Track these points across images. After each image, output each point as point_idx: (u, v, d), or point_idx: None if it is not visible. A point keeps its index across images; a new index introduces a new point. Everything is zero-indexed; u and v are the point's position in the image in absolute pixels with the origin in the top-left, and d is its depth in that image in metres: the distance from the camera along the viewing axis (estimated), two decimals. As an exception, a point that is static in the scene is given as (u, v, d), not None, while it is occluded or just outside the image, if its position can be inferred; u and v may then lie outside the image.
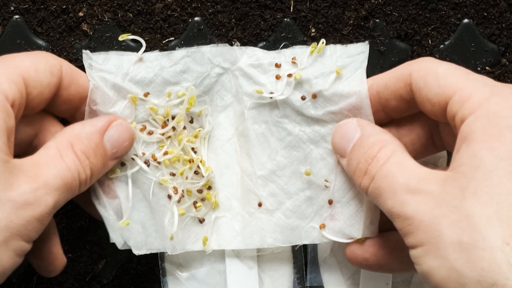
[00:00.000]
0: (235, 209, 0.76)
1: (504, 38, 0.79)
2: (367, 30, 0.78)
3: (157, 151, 0.75)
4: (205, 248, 0.75)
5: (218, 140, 0.76)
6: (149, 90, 0.74)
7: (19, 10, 0.78)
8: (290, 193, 0.75)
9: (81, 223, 0.79)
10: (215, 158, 0.76)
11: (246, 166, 0.75)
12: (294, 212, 0.75)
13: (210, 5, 0.78)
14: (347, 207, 0.74)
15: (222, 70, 0.76)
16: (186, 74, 0.75)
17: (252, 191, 0.75)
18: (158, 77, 0.74)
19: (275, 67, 0.75)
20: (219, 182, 0.76)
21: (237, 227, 0.76)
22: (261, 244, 0.75)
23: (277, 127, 0.75)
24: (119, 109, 0.74)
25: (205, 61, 0.75)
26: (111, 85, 0.74)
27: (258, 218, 0.75)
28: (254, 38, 0.78)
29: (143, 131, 0.74)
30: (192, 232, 0.75)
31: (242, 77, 0.75)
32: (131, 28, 0.78)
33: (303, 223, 0.75)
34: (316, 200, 0.75)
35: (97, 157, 0.69)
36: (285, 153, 0.75)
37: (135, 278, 0.79)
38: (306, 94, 0.74)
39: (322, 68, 0.74)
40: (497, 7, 0.79)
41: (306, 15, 0.78)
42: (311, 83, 0.74)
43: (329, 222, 0.74)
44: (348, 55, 0.74)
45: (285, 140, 0.75)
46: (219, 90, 0.76)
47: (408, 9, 0.78)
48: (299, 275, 0.78)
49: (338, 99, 0.73)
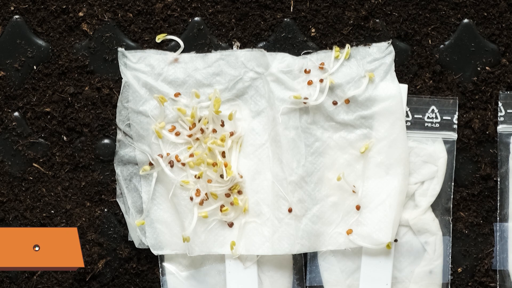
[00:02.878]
0: (265, 214, 0.76)
1: (504, 38, 0.79)
2: (367, 30, 0.78)
3: (184, 153, 0.75)
4: (233, 252, 0.75)
5: (251, 146, 0.76)
6: (181, 91, 0.75)
7: (19, 10, 0.78)
8: (316, 199, 0.76)
9: (81, 223, 0.79)
10: (247, 163, 0.76)
11: (278, 172, 0.75)
12: (320, 218, 0.76)
13: (210, 5, 0.78)
14: (375, 212, 0.75)
15: (256, 74, 0.76)
16: (219, 76, 0.76)
17: (282, 196, 0.75)
18: (191, 78, 0.75)
19: (304, 73, 0.75)
20: (250, 188, 0.76)
21: (266, 233, 0.76)
22: (290, 250, 0.75)
23: (305, 133, 0.75)
24: (149, 107, 0.75)
25: (239, 64, 0.76)
26: (143, 84, 0.75)
27: (287, 224, 0.75)
28: (254, 38, 0.78)
29: (172, 132, 0.75)
30: (220, 236, 0.76)
31: (273, 82, 0.75)
32: (131, 28, 0.78)
33: (328, 229, 0.76)
34: (342, 206, 0.76)
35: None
36: (313, 159, 0.75)
37: (135, 278, 0.79)
38: (338, 99, 0.75)
39: (351, 72, 0.75)
40: (497, 7, 0.78)
41: (306, 15, 0.78)
42: (343, 88, 0.75)
43: (356, 228, 0.75)
44: (373, 57, 0.75)
45: (313, 146, 0.75)
46: (253, 95, 0.76)
47: (408, 9, 0.78)
48: (299, 275, 0.78)
49: (371, 104, 0.74)
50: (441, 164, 0.77)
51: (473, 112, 0.78)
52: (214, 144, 0.75)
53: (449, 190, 0.78)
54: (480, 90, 0.78)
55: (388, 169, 0.76)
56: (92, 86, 0.79)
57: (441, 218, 0.77)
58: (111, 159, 0.78)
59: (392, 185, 0.75)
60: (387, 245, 0.75)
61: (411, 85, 0.78)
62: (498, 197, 0.78)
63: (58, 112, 0.79)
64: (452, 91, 0.78)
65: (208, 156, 0.75)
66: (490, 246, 0.78)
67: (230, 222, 0.76)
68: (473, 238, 0.79)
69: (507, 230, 0.78)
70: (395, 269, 0.77)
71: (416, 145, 0.77)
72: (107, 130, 0.79)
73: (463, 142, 0.78)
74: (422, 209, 0.77)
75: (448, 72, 0.78)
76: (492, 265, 0.78)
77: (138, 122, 0.76)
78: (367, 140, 0.76)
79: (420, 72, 0.78)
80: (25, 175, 0.79)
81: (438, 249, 0.77)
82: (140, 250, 0.78)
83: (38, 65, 0.79)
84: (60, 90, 0.79)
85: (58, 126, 0.79)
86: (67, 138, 0.79)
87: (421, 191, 0.77)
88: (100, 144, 0.79)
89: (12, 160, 0.79)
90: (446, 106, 0.78)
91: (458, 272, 0.78)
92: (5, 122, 0.79)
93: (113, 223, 0.79)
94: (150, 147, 0.76)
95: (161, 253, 0.77)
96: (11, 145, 0.79)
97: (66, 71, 0.79)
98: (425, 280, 0.77)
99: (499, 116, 0.78)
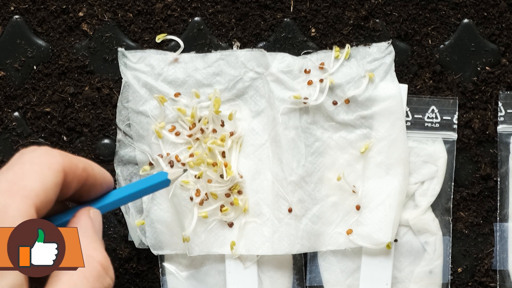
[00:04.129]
0: (265, 215, 0.76)
1: (504, 38, 0.79)
2: (367, 30, 0.78)
3: (184, 153, 0.75)
4: (233, 252, 0.75)
5: (251, 146, 0.76)
6: (181, 91, 0.75)
7: (19, 10, 0.78)
8: (316, 199, 0.76)
9: (81, 223, 0.79)
10: (247, 163, 0.76)
11: (278, 172, 0.75)
12: (320, 218, 0.76)
13: (210, 5, 0.78)
14: (375, 212, 0.75)
15: (256, 74, 0.76)
16: (219, 76, 0.76)
17: (282, 196, 0.75)
18: (191, 78, 0.76)
19: (304, 73, 0.75)
20: (250, 188, 0.76)
21: (266, 233, 0.76)
22: (290, 250, 0.75)
23: (305, 133, 0.75)
24: (149, 107, 0.75)
25: (239, 64, 0.76)
26: (143, 84, 0.75)
27: (287, 224, 0.75)
28: (254, 38, 0.78)
29: (172, 132, 0.75)
30: (220, 236, 0.76)
31: (273, 82, 0.75)
32: (131, 28, 0.78)
33: (328, 229, 0.76)
34: (342, 206, 0.76)
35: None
36: (313, 159, 0.75)
37: (135, 278, 0.79)
38: (338, 99, 0.75)
39: (351, 72, 0.75)
40: (497, 7, 0.78)
41: (306, 15, 0.78)
42: (343, 88, 0.75)
43: (356, 228, 0.75)
44: (373, 57, 0.76)
45: (313, 146, 0.75)
46: (253, 95, 0.76)
47: (408, 9, 0.78)
48: (299, 275, 0.78)
49: (371, 104, 0.75)
50: (441, 164, 0.77)
51: (473, 112, 0.78)
52: (214, 144, 0.75)
53: (449, 190, 0.78)
54: (480, 90, 0.78)
55: (388, 169, 0.76)
56: (92, 86, 0.79)
57: (441, 218, 0.77)
58: (111, 159, 0.78)
59: (392, 185, 0.76)
60: (387, 245, 0.75)
61: (411, 85, 0.78)
62: (498, 197, 0.78)
63: (58, 112, 0.79)
64: (452, 91, 0.78)
65: (208, 156, 0.75)
66: (490, 246, 0.78)
67: (230, 222, 0.76)
68: (473, 238, 0.79)
69: (507, 230, 0.78)
70: (395, 269, 0.77)
71: (416, 145, 0.77)
72: (107, 130, 0.79)
73: (463, 142, 0.78)
74: (422, 209, 0.77)
75: (448, 72, 0.78)
76: (492, 265, 0.78)
77: (138, 122, 0.76)
78: (367, 140, 0.76)
79: (420, 72, 0.78)
80: (25, 175, 0.79)
81: (438, 249, 0.77)
82: (140, 250, 0.78)
83: (38, 65, 0.79)
84: (60, 90, 0.79)
85: (58, 126, 0.79)
86: (67, 138, 0.79)
87: (421, 191, 0.77)
88: (100, 144, 0.79)
89: (12, 160, 0.79)
90: (446, 106, 0.78)
91: (458, 272, 0.79)
92: (5, 122, 0.79)
93: (113, 223, 0.79)
94: (150, 147, 0.76)
95: (161, 253, 0.77)
96: (11, 145, 0.79)
97: (66, 71, 0.79)
98: (425, 280, 0.77)
99: (499, 116, 0.78)
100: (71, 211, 0.60)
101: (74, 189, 0.60)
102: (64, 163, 0.58)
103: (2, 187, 0.55)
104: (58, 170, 0.58)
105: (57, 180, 0.58)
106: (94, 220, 0.60)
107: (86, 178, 0.60)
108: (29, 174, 0.57)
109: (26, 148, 0.58)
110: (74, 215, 0.60)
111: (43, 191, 0.57)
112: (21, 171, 0.57)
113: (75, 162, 0.59)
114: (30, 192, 0.56)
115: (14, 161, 0.58)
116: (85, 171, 0.60)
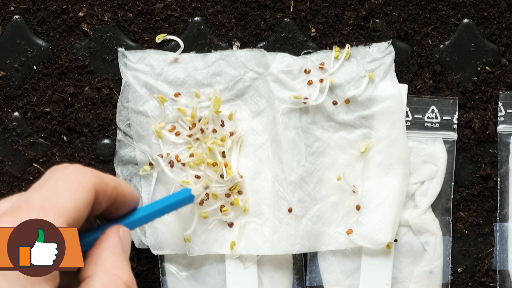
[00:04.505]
0: (265, 215, 0.76)
1: (504, 38, 0.79)
2: (367, 30, 0.78)
3: (184, 153, 0.75)
4: (233, 252, 0.75)
5: (251, 146, 0.76)
6: (181, 91, 0.75)
7: (19, 10, 0.78)
8: (316, 199, 0.76)
9: (81, 223, 0.79)
10: (247, 163, 0.76)
11: (278, 172, 0.75)
12: (320, 218, 0.76)
13: (210, 5, 0.78)
14: (375, 212, 0.75)
15: (256, 74, 0.76)
16: (219, 76, 0.76)
17: (282, 196, 0.75)
18: (191, 78, 0.76)
19: (304, 73, 0.75)
20: (250, 188, 0.76)
21: (266, 233, 0.76)
22: (290, 250, 0.75)
23: (305, 133, 0.75)
24: (149, 107, 0.75)
25: (239, 64, 0.76)
26: (143, 84, 0.75)
27: (287, 224, 0.75)
28: (254, 38, 0.78)
29: (172, 132, 0.75)
30: (220, 236, 0.76)
31: (273, 82, 0.76)
32: (131, 28, 0.78)
33: (328, 229, 0.76)
34: (342, 206, 0.76)
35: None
36: (313, 159, 0.75)
37: (135, 278, 0.79)
38: (338, 99, 0.75)
39: (351, 72, 0.75)
40: (497, 7, 0.78)
41: (306, 15, 0.78)
42: (343, 88, 0.75)
43: (356, 228, 0.75)
44: (373, 57, 0.76)
45: (313, 146, 0.75)
46: (253, 95, 0.76)
47: (408, 9, 0.78)
48: (299, 275, 0.78)
49: (371, 104, 0.75)
50: (441, 164, 0.77)
51: (473, 112, 0.78)
52: (214, 144, 0.75)
53: (449, 190, 0.78)
54: (480, 90, 0.78)
55: (388, 169, 0.76)
56: (92, 86, 0.79)
57: (441, 218, 0.77)
58: (111, 159, 0.78)
59: (392, 185, 0.76)
60: (387, 245, 0.75)
61: (411, 85, 0.78)
62: (498, 197, 0.78)
63: (58, 112, 0.79)
64: (452, 91, 0.78)
65: (208, 156, 0.75)
66: (490, 246, 0.78)
67: (230, 222, 0.76)
68: (473, 238, 0.79)
69: (507, 230, 0.78)
70: (395, 269, 0.77)
71: (416, 145, 0.77)
72: (107, 130, 0.79)
73: (463, 142, 0.78)
74: (422, 209, 0.77)
75: (448, 72, 0.78)
76: (492, 265, 0.78)
77: (138, 122, 0.76)
78: (367, 140, 0.76)
79: (420, 72, 0.78)
80: (25, 175, 0.79)
81: (438, 249, 0.77)
82: (140, 250, 0.78)
83: (38, 65, 0.79)
84: (60, 90, 0.79)
85: (58, 126, 0.79)
86: (67, 138, 0.79)
87: (421, 191, 0.77)
88: (100, 144, 0.79)
89: (12, 160, 0.79)
90: (446, 106, 0.78)
91: (458, 272, 0.79)
92: (5, 122, 0.79)
93: (113, 223, 0.79)
94: (150, 147, 0.76)
95: (161, 253, 0.77)
96: (11, 145, 0.79)
97: (66, 71, 0.79)
98: (425, 280, 0.77)
99: (499, 116, 0.78)
100: (101, 228, 0.60)
101: (104, 207, 0.60)
102: (95, 181, 0.58)
103: (35, 203, 0.55)
104: (90, 189, 0.57)
105: (88, 198, 0.57)
106: (123, 239, 0.60)
107: (116, 197, 0.60)
108: (62, 191, 0.56)
109: (58, 165, 0.58)
110: (104, 232, 0.60)
111: (75, 209, 0.56)
112: (54, 188, 0.56)
113: (106, 181, 0.59)
114: (63, 210, 0.55)
115: (46, 178, 0.57)
116: (115, 189, 0.60)
